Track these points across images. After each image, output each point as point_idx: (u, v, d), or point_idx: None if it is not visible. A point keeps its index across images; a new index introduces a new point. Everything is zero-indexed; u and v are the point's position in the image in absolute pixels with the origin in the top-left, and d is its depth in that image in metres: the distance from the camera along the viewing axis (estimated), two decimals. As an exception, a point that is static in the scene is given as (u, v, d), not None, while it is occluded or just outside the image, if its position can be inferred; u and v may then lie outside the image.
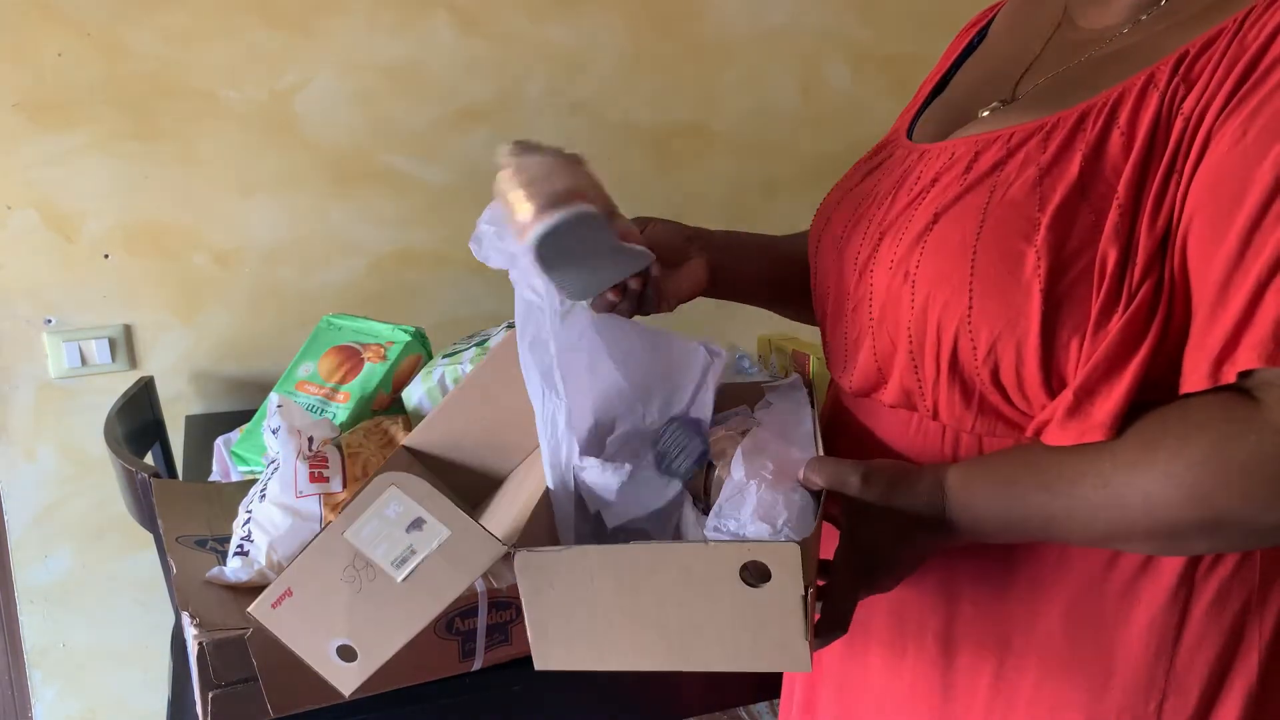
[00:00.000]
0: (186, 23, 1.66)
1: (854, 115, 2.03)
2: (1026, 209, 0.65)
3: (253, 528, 1.01)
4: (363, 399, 1.37)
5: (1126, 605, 0.68)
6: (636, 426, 0.77)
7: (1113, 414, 0.61)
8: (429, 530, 0.59)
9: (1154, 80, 0.63)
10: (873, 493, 0.68)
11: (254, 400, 1.71)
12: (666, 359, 0.81)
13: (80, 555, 1.79)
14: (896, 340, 0.72)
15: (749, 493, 0.67)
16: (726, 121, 1.98)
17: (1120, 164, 0.63)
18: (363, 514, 0.59)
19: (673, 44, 1.91)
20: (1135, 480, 0.60)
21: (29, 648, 1.81)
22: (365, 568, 0.59)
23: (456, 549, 0.59)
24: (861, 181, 0.83)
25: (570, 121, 1.89)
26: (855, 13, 1.99)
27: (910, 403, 0.74)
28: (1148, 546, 0.65)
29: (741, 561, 0.59)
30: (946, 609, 0.75)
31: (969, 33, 0.91)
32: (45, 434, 1.74)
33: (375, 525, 0.59)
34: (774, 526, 0.64)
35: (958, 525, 0.68)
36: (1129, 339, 0.61)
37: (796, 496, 0.67)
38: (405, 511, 0.59)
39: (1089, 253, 0.62)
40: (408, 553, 0.59)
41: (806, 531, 0.63)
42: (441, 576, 0.59)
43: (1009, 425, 0.69)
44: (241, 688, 0.90)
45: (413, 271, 1.86)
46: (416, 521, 0.59)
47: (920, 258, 0.69)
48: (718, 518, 0.67)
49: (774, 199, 2.02)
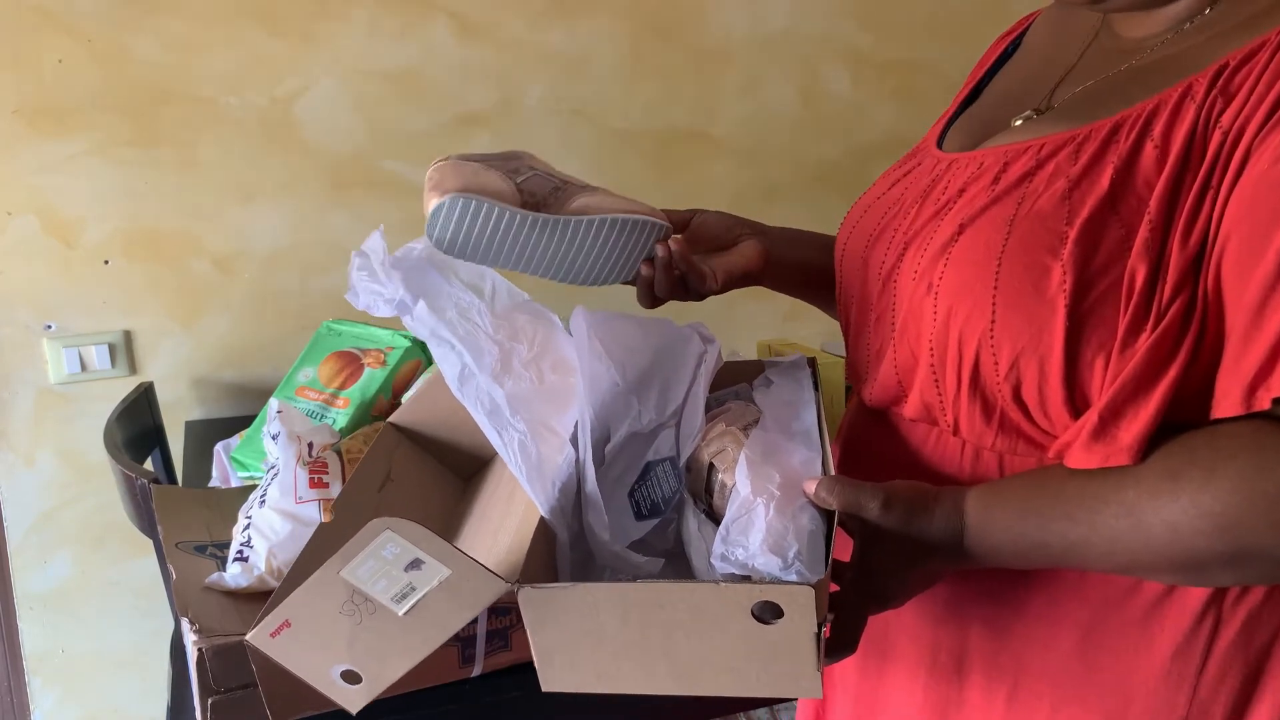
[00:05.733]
0: (187, 29, 1.67)
1: (853, 120, 2.03)
2: (1054, 222, 0.63)
3: (252, 533, 1.01)
4: (363, 404, 1.37)
5: (1148, 632, 0.66)
6: (634, 429, 0.76)
7: (1139, 437, 0.59)
8: (428, 569, 0.58)
9: (1191, 92, 0.61)
10: (891, 519, 0.65)
11: (254, 406, 1.71)
12: (659, 346, 0.80)
13: (80, 561, 1.79)
14: (918, 353, 0.71)
15: (756, 515, 0.65)
16: (726, 127, 1.98)
17: (1153, 178, 0.61)
18: (358, 555, 0.58)
19: (672, 49, 1.92)
20: (1160, 511, 0.58)
21: (28, 653, 1.81)
22: (364, 602, 0.58)
23: (458, 586, 0.58)
24: (889, 190, 0.81)
25: (570, 127, 1.89)
26: (854, 18, 1.99)
27: (931, 417, 0.72)
28: (1172, 577, 0.63)
29: (753, 601, 0.58)
30: (960, 628, 0.74)
31: (1003, 42, 0.88)
32: (45, 440, 1.74)
33: (372, 565, 0.58)
34: (784, 560, 0.62)
35: (975, 551, 0.66)
36: (1157, 359, 0.59)
37: (806, 520, 0.65)
38: (403, 553, 0.57)
39: (1117, 268, 0.60)
40: (408, 589, 0.58)
41: (818, 565, 0.62)
42: (444, 609, 0.58)
43: (1030, 444, 0.67)
44: (241, 694, 0.90)
45: (413, 277, 1.86)
46: (415, 562, 0.58)
47: (944, 269, 0.68)
48: (725, 543, 0.65)
49: (773, 204, 2.02)
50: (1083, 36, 0.78)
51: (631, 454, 0.76)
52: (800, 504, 0.67)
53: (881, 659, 0.80)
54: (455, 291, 0.80)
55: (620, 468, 0.75)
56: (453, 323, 0.77)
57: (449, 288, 0.80)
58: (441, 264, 0.82)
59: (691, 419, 0.77)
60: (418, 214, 2.05)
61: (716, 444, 0.75)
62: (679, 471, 0.76)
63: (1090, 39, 0.77)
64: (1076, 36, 0.78)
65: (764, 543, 0.63)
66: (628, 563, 0.70)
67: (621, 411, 0.76)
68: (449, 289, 0.80)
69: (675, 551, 0.75)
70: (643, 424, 0.76)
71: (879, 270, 0.76)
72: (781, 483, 0.68)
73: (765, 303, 2.03)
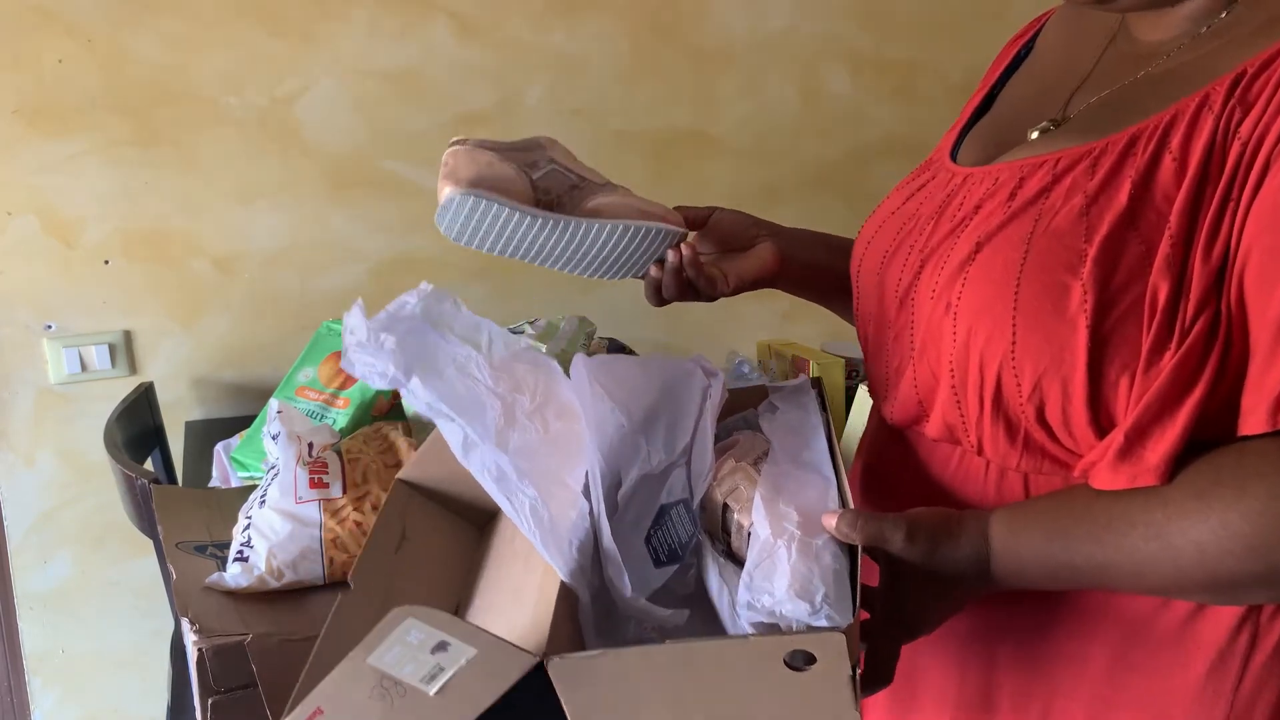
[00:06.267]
0: (187, 29, 1.67)
1: (853, 120, 2.03)
2: (1072, 239, 0.62)
3: (252, 533, 1.01)
4: (363, 404, 1.37)
5: (1182, 649, 0.65)
6: (645, 471, 0.74)
7: (1166, 457, 0.58)
8: (455, 650, 0.57)
9: (1209, 102, 0.60)
10: (916, 551, 0.65)
11: (254, 406, 1.71)
12: (662, 384, 0.79)
13: (80, 561, 1.79)
14: (938, 373, 0.70)
15: (779, 559, 0.64)
16: (726, 127, 1.98)
17: (1172, 191, 0.59)
18: (383, 642, 0.58)
19: (672, 50, 1.92)
20: (1188, 532, 0.57)
21: (28, 653, 1.81)
22: (394, 685, 0.58)
23: (486, 664, 0.58)
24: (903, 204, 0.80)
25: (570, 127, 1.89)
26: (854, 18, 1.99)
27: (954, 437, 0.71)
28: (1203, 597, 0.62)
29: (784, 652, 0.57)
30: (988, 656, 0.73)
31: (1015, 45, 0.86)
32: (45, 440, 1.74)
33: (398, 650, 0.57)
34: (813, 605, 0.61)
35: (1002, 576, 0.65)
36: (1183, 378, 0.58)
37: (829, 558, 0.64)
38: (427, 637, 0.57)
39: (1138, 286, 0.59)
40: (436, 669, 0.58)
41: (846, 604, 0.62)
42: (475, 686, 0.58)
43: (1056, 463, 0.66)
44: (241, 694, 0.90)
45: (413, 277, 1.85)
46: (440, 644, 0.57)
47: (962, 289, 0.67)
48: (750, 591, 0.65)
49: (774, 205, 2.02)
50: (1097, 41, 0.76)
51: (645, 498, 0.74)
52: (822, 540, 0.66)
53: (910, 695, 0.79)
54: (452, 348, 0.79)
55: (635, 513, 0.73)
56: (451, 381, 0.76)
57: (445, 344, 0.79)
58: (437, 318, 0.81)
59: (701, 457, 0.76)
60: (418, 214, 2.04)
61: (729, 482, 0.74)
62: (694, 514, 0.74)
63: (1105, 44, 0.75)
64: (1091, 41, 0.77)
65: (790, 588, 0.62)
66: (652, 616, 0.68)
67: (631, 454, 0.75)
68: (445, 345, 0.79)
69: (697, 594, 0.74)
70: (653, 465, 0.75)
71: (895, 287, 0.75)
72: (800, 521, 0.67)
73: (765, 303, 2.03)
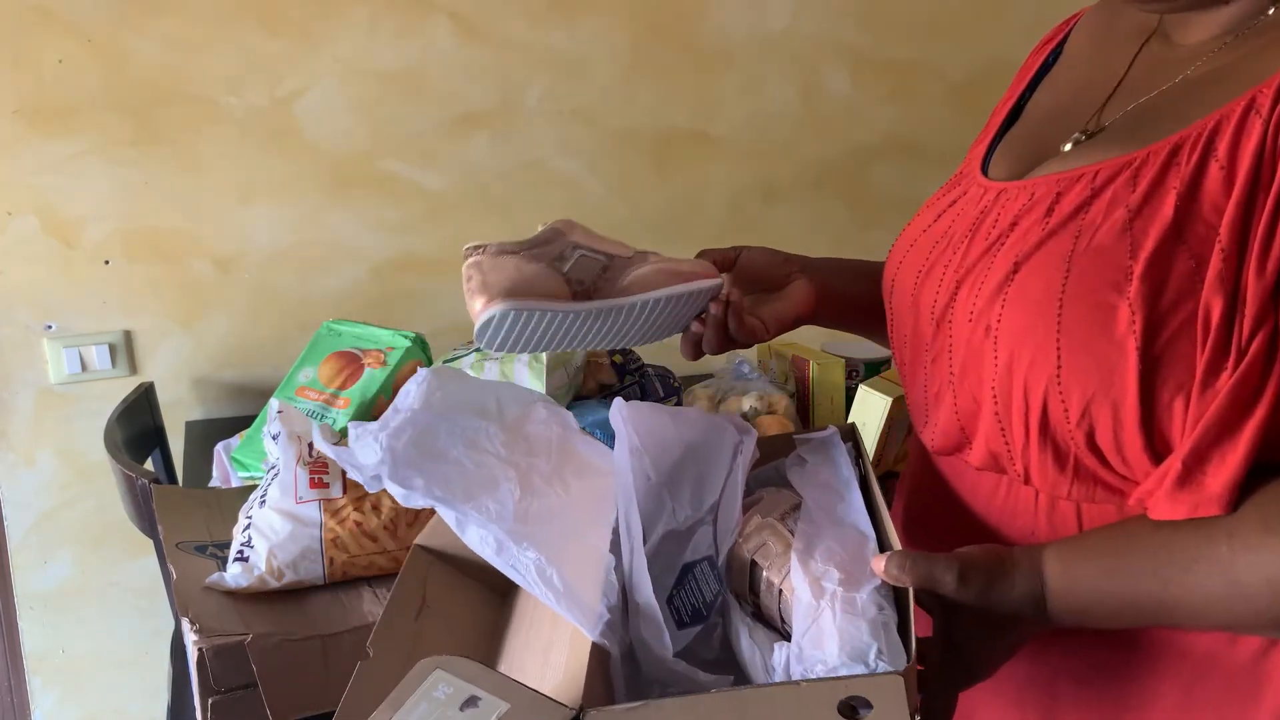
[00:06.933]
0: (187, 29, 1.67)
1: (853, 120, 2.03)
2: (1116, 256, 0.59)
3: (253, 533, 1.01)
4: (363, 404, 1.37)
5: (1255, 683, 0.62)
6: (670, 528, 0.72)
7: (1228, 485, 0.55)
8: (485, 706, 0.55)
9: (1256, 105, 0.56)
10: (970, 592, 0.61)
11: (254, 406, 1.71)
12: (691, 439, 0.76)
13: (80, 561, 1.79)
14: (980, 398, 0.66)
15: (825, 622, 0.61)
16: (726, 127, 1.98)
17: (1221, 202, 0.56)
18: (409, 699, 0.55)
19: (672, 50, 1.92)
20: (1259, 567, 0.54)
21: (29, 653, 1.81)
22: None
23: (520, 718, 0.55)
24: (934, 222, 0.76)
25: (570, 127, 1.89)
26: (854, 18, 1.99)
27: (999, 466, 0.68)
28: (1275, 633, 0.60)
29: (838, 698, 0.54)
30: (1049, 700, 0.70)
31: (1042, 51, 0.82)
32: (45, 440, 1.74)
33: (425, 708, 0.55)
34: (868, 664, 0.59)
35: (1060, 614, 0.62)
36: (1242, 399, 0.54)
37: (875, 611, 0.62)
38: (456, 692, 0.55)
39: (1189, 304, 0.56)
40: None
41: (900, 654, 0.59)
42: None
43: (1109, 491, 0.63)
44: (241, 694, 0.90)
45: (413, 277, 1.86)
46: (471, 699, 0.55)
47: (1001, 311, 0.63)
48: (801, 662, 0.62)
49: (774, 205, 2.02)
50: (1130, 44, 0.72)
51: (668, 556, 0.72)
52: (866, 594, 0.63)
53: None
54: (461, 423, 0.76)
55: (656, 571, 0.70)
56: (459, 461, 0.73)
57: (450, 424, 0.76)
58: (440, 408, 0.78)
59: (729, 514, 0.73)
60: (418, 214, 2.04)
61: (756, 539, 0.71)
62: (719, 572, 0.71)
63: (1139, 47, 0.72)
64: (1123, 44, 0.73)
65: (842, 651, 0.60)
66: (693, 681, 0.65)
67: (655, 510, 0.72)
68: (450, 425, 0.76)
69: (722, 659, 0.71)
70: (679, 521, 0.72)
71: (931, 309, 0.71)
72: (842, 579, 0.64)
73: (765, 303, 2.03)
